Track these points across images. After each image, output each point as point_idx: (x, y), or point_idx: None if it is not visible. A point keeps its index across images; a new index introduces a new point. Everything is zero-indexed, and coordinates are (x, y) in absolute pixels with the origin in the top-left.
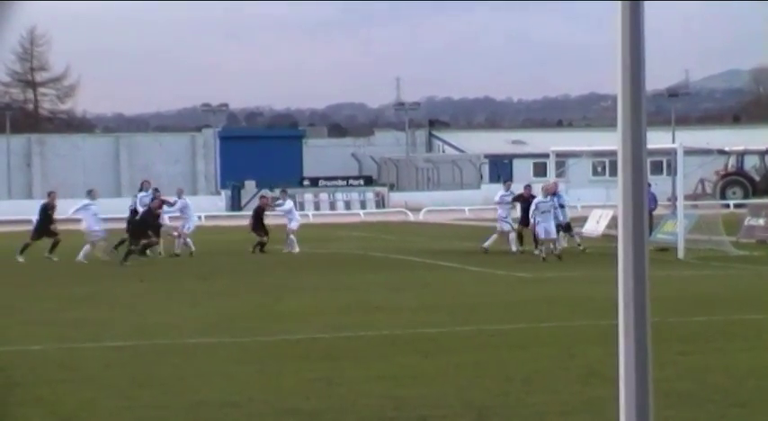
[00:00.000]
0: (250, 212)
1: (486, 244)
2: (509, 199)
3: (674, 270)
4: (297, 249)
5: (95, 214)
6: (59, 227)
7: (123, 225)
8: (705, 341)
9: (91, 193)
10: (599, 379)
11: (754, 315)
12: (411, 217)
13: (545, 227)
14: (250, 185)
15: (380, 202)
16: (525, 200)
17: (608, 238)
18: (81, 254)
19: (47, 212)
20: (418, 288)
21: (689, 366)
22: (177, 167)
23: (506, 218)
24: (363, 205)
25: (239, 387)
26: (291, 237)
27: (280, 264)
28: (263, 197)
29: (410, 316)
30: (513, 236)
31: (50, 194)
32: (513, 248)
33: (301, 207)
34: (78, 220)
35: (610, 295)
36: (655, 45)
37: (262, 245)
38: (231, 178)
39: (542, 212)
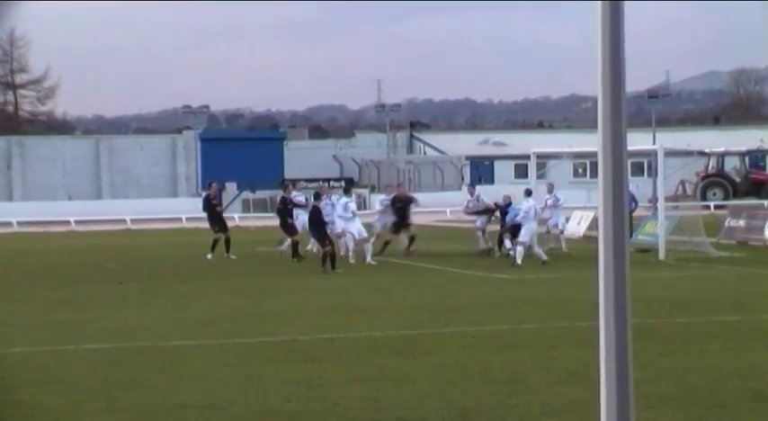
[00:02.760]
0: (232, 214)
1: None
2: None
3: (654, 271)
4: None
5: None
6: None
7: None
8: (686, 342)
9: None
10: (580, 380)
11: (735, 316)
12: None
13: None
14: (231, 187)
15: (362, 204)
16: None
17: (589, 240)
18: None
19: (211, 203)
20: (399, 290)
21: (669, 367)
22: (158, 169)
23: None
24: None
25: (220, 389)
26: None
27: (261, 265)
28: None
29: (391, 317)
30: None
31: (211, 185)
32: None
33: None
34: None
35: (590, 296)
36: (635, 46)
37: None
38: (212, 180)
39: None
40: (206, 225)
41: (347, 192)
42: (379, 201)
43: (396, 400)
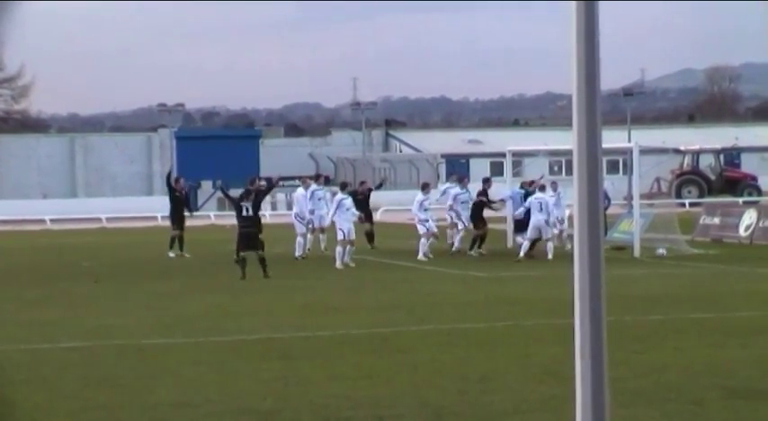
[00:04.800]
0: (207, 213)
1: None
2: (466, 197)
3: (629, 269)
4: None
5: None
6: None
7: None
8: (661, 339)
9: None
10: (555, 378)
11: (710, 313)
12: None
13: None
14: (207, 185)
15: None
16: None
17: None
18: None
19: (174, 194)
20: (375, 288)
21: (645, 364)
22: (133, 168)
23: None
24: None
25: (195, 387)
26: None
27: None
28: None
29: (367, 315)
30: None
31: (178, 180)
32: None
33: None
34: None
35: (566, 294)
36: (610, 44)
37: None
38: (187, 178)
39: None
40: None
41: (343, 188)
42: (335, 200)
43: (371, 398)
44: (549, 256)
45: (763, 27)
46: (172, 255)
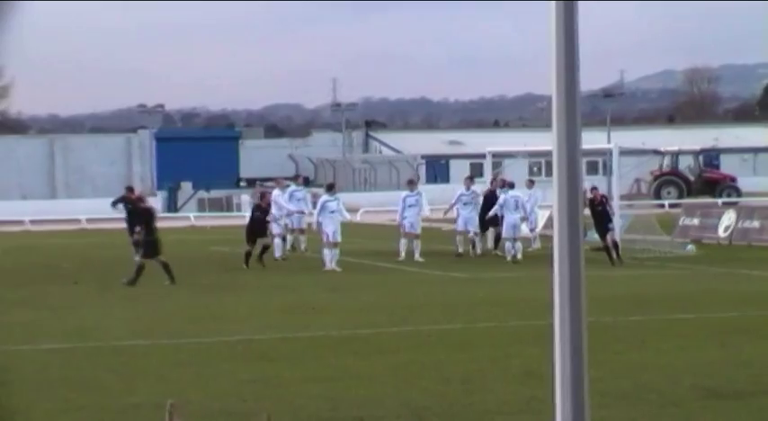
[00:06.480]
0: (187, 214)
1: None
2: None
3: (609, 269)
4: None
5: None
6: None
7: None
8: (640, 340)
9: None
10: (536, 379)
11: (689, 314)
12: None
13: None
14: (186, 186)
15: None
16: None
17: (544, 238)
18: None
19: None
20: (355, 289)
21: (625, 365)
22: (113, 169)
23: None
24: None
25: (175, 389)
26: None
27: (216, 264)
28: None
29: (347, 317)
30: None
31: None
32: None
33: (238, 208)
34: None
35: (546, 295)
36: (589, 45)
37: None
38: (167, 179)
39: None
40: (161, 224)
41: (330, 189)
42: (320, 201)
43: (352, 399)
44: (519, 256)
45: (742, 29)
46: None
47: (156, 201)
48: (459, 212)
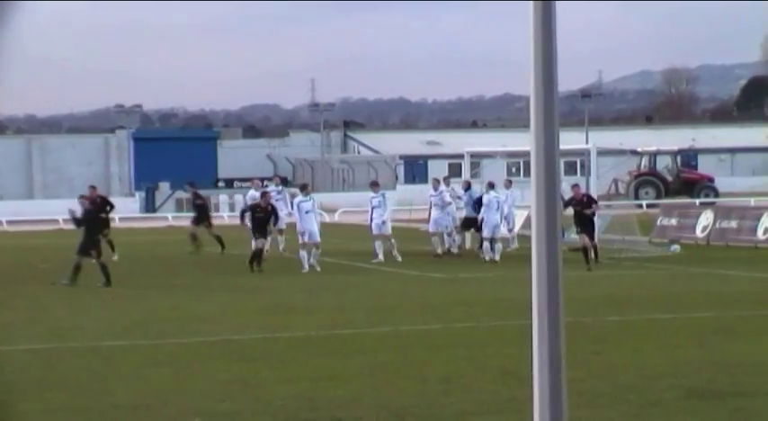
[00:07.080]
0: (165, 214)
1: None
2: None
3: (587, 270)
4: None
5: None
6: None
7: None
8: (619, 340)
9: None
10: (514, 379)
11: (667, 314)
12: (326, 218)
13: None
14: (164, 187)
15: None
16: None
17: (522, 239)
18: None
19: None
20: (334, 289)
21: (603, 366)
22: (91, 169)
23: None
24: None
25: (154, 389)
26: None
27: (194, 265)
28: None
29: (326, 317)
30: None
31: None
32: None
33: (216, 208)
34: None
35: (524, 295)
36: (567, 46)
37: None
38: (145, 180)
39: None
40: (139, 224)
41: (303, 189)
42: (294, 202)
43: (331, 400)
44: (497, 257)
45: (720, 30)
46: (115, 258)
47: (133, 202)
48: (431, 213)
